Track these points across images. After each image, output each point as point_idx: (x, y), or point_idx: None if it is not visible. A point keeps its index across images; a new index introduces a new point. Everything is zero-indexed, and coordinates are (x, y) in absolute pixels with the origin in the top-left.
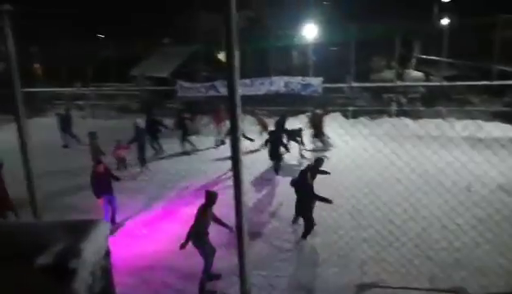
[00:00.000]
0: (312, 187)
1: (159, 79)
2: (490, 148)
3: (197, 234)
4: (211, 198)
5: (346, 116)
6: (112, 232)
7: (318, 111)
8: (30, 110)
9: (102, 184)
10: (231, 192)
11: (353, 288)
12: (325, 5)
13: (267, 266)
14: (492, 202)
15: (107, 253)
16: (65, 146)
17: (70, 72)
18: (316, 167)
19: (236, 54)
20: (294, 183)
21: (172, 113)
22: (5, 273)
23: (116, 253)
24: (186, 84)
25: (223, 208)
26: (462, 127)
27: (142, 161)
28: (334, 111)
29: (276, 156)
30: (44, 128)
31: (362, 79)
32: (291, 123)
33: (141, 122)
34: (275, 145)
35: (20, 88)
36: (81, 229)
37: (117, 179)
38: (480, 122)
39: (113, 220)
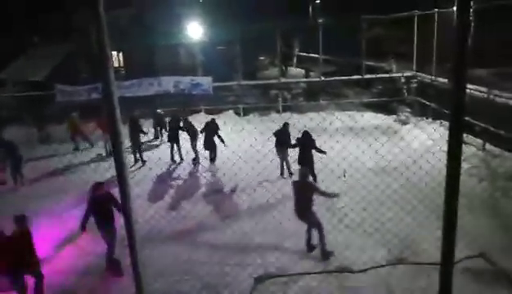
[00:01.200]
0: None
1: (35, 83)
2: (360, 136)
3: (302, 208)
4: (304, 173)
5: (238, 113)
6: (117, 272)
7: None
8: None
9: (103, 213)
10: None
11: (252, 280)
12: (207, 4)
13: (171, 271)
14: (365, 185)
15: None
16: None
17: None
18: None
19: (120, 54)
20: (298, 141)
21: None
22: None
23: None
24: (66, 87)
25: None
26: (338, 118)
27: (17, 175)
28: (226, 109)
29: (211, 147)
30: None
31: (250, 77)
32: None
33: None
34: (210, 137)
35: None
36: None
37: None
38: (353, 112)
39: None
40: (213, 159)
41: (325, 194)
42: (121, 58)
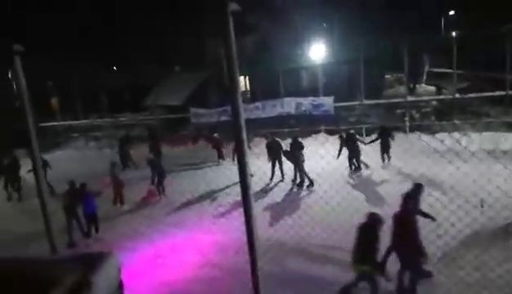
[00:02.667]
0: None
1: (173, 107)
2: (502, 161)
3: None
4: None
5: (360, 134)
6: None
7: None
8: (48, 144)
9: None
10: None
11: None
12: (332, 24)
13: (293, 285)
14: (508, 216)
15: (120, 285)
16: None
17: (86, 104)
18: None
19: (242, 78)
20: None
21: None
22: None
23: (133, 284)
24: (199, 110)
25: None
26: (478, 140)
27: (160, 189)
28: (347, 129)
29: (357, 156)
30: (62, 161)
31: (374, 96)
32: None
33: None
34: (353, 150)
35: (32, 124)
36: (92, 262)
37: None
38: (494, 133)
39: None
40: (357, 168)
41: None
42: (247, 82)
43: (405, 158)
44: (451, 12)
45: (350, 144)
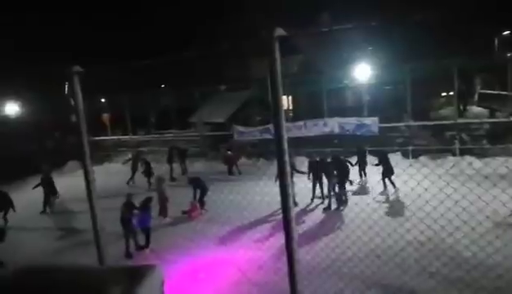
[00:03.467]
0: None
1: (217, 124)
2: None
3: None
4: None
5: (406, 155)
6: None
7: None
8: (98, 156)
9: None
10: None
11: None
12: (378, 45)
13: None
14: None
15: None
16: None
17: (135, 120)
18: None
19: (285, 97)
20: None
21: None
22: None
23: None
24: (242, 128)
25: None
26: None
27: (202, 202)
28: (393, 151)
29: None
30: (110, 173)
31: (422, 117)
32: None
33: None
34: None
35: (86, 138)
36: (137, 274)
37: None
38: None
39: None
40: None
41: None
42: (290, 101)
43: (453, 183)
44: (506, 32)
45: (384, 164)
